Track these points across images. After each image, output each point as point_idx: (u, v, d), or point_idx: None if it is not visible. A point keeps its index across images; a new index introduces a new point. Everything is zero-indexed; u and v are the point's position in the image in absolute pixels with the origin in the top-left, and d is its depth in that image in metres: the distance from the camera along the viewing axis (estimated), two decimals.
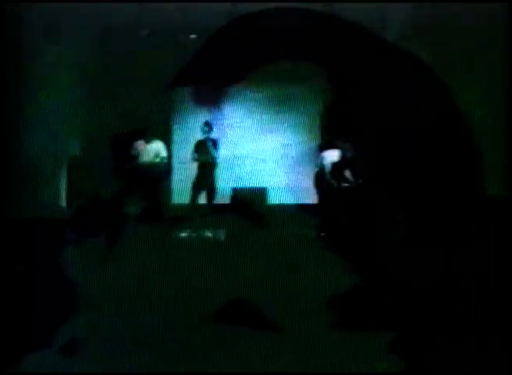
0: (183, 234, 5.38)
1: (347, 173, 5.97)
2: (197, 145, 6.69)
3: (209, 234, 5.37)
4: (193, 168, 6.72)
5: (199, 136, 6.68)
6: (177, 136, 6.83)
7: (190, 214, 6.37)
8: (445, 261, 4.49)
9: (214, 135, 6.66)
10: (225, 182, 6.49)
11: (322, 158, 6.23)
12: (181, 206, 6.58)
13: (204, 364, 4.16)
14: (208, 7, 5.65)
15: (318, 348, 4.22)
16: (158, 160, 6.62)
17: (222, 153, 6.66)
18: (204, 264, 4.75)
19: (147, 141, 6.59)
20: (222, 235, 5.31)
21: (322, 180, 6.16)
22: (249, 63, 5.47)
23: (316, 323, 4.34)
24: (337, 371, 4.15)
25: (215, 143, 6.65)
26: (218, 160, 6.66)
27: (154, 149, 6.62)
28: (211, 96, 6.72)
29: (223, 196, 6.39)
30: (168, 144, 6.73)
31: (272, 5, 5.17)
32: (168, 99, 6.27)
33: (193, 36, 5.89)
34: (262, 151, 6.56)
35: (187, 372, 4.15)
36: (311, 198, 6.10)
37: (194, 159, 6.69)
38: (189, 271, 4.69)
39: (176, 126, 6.82)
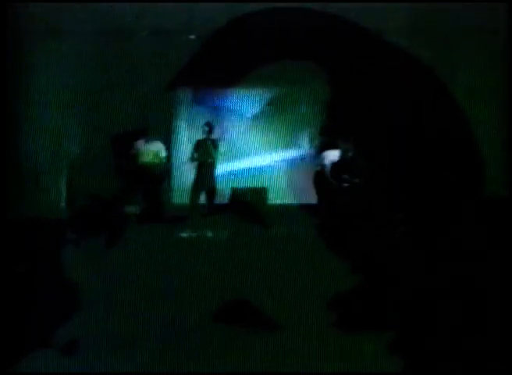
0: (183, 234, 5.37)
1: (347, 173, 5.97)
2: (197, 145, 6.68)
3: (209, 234, 5.36)
4: (193, 168, 6.71)
5: (199, 136, 6.67)
6: (177, 136, 6.82)
7: (190, 214, 6.37)
8: (444, 261, 4.49)
9: (214, 135, 6.65)
10: (225, 182, 6.49)
11: (322, 158, 6.22)
12: (181, 206, 6.57)
13: (204, 364, 4.16)
14: (208, 7, 5.65)
15: (318, 348, 4.21)
16: (158, 160, 6.62)
17: (222, 153, 6.66)
18: (204, 264, 4.75)
19: (147, 141, 6.58)
20: (222, 235, 5.30)
21: (322, 180, 6.15)
22: (249, 63, 5.47)
23: (316, 322, 4.34)
24: (337, 371, 4.15)
25: (214, 143, 6.64)
26: (218, 160, 6.65)
27: (154, 149, 6.61)
28: (211, 96, 6.72)
29: (223, 196, 6.38)
30: (168, 144, 6.72)
31: (272, 5, 5.18)
32: (168, 99, 6.26)
33: (192, 36, 5.89)
34: (262, 151, 6.56)
35: (187, 372, 4.15)
36: (311, 198, 6.09)
37: (194, 159, 6.68)
38: (189, 271, 4.68)
39: (175, 126, 6.81)
